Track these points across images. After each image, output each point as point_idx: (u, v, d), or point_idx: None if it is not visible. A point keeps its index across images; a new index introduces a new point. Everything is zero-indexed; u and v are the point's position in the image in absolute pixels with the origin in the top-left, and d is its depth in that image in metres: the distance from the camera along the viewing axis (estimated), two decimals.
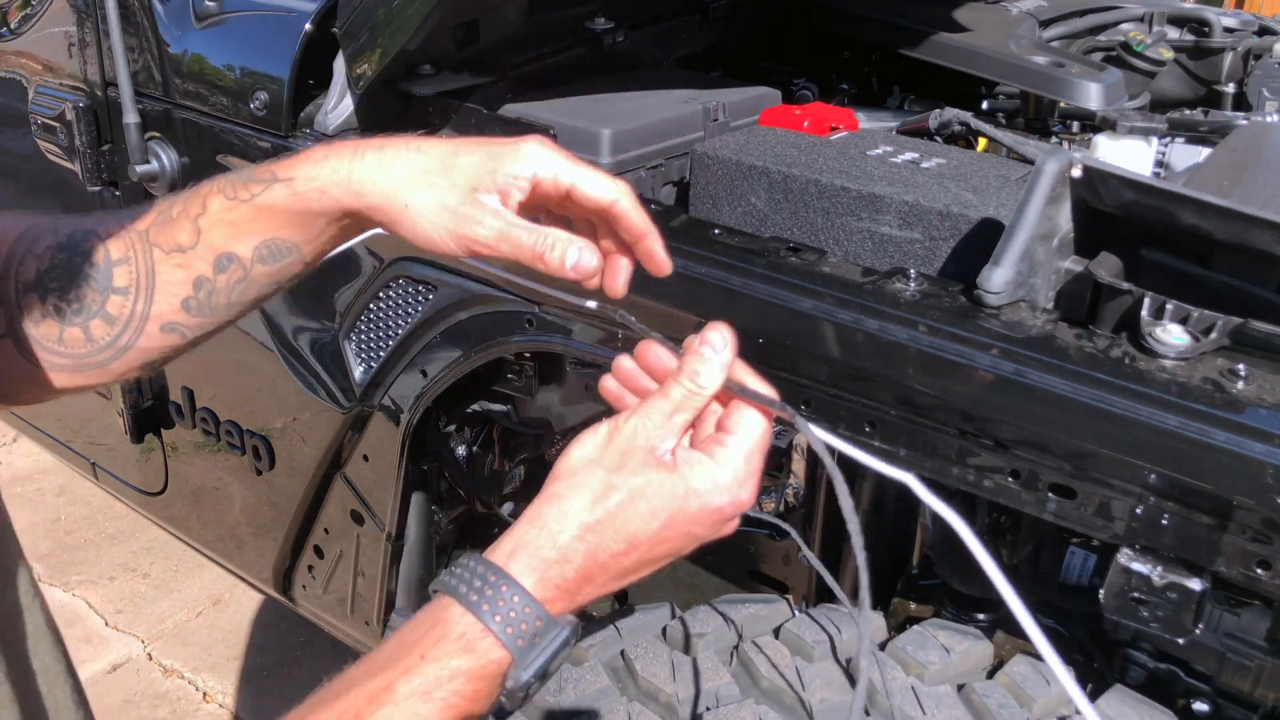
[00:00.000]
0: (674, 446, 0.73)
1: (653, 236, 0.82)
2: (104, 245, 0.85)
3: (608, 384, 0.80)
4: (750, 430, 0.73)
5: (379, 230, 0.85)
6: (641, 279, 0.84)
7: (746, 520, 1.09)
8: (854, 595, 0.76)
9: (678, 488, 0.71)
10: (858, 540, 0.69)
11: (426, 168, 0.80)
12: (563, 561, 0.69)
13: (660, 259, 0.83)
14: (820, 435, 0.73)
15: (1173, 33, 2.04)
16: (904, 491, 1.32)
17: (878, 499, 1.32)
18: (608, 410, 0.78)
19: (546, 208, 0.84)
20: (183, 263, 0.85)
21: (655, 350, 0.78)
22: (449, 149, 0.81)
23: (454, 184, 0.79)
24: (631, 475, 0.71)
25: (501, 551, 0.70)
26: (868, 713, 1.06)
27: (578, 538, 0.70)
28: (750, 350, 0.82)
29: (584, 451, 0.73)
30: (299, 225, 0.84)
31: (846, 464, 0.77)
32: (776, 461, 1.49)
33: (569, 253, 0.78)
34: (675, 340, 0.78)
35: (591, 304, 0.87)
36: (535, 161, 0.80)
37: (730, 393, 0.74)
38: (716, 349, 0.73)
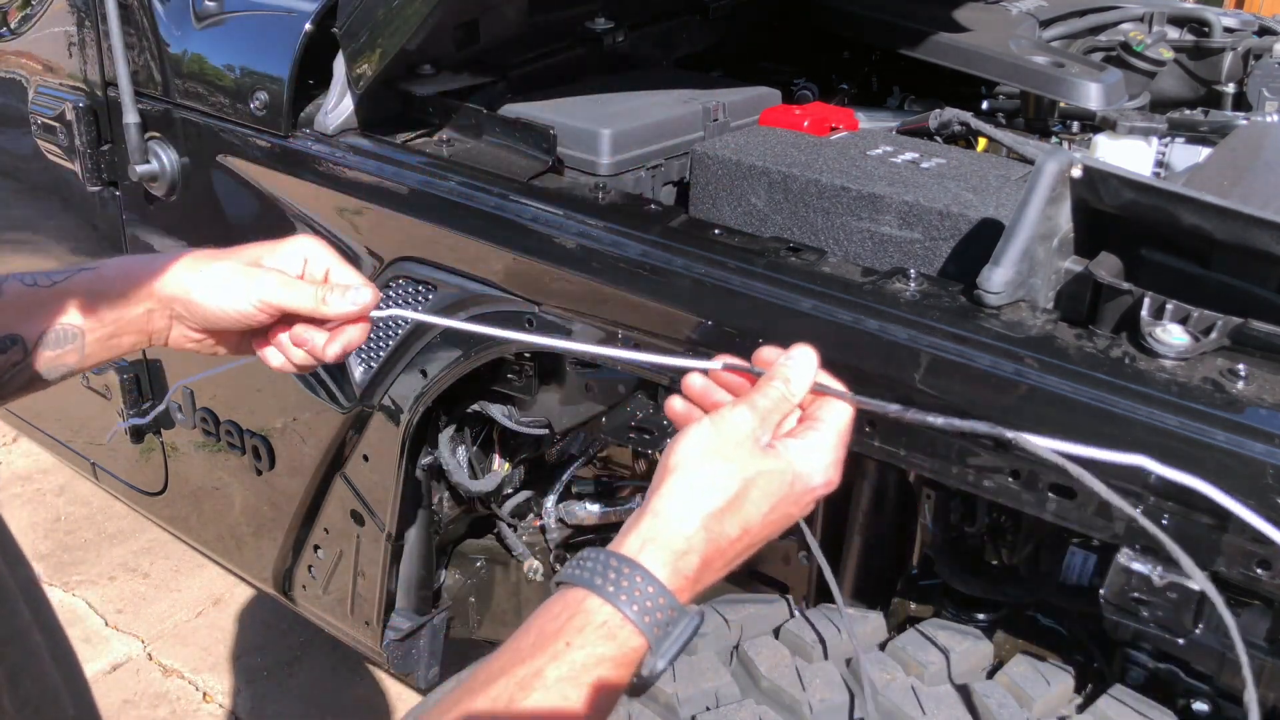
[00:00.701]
0: (769, 440, 0.79)
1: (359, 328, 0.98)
2: None
3: (674, 404, 0.87)
4: (837, 419, 0.82)
5: (245, 359, 1.00)
6: (642, 280, 0.84)
7: None
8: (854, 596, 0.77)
9: (785, 473, 0.77)
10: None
11: (216, 255, 0.97)
12: (689, 552, 0.74)
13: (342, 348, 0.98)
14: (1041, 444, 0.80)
15: (1173, 33, 2.04)
16: (905, 491, 1.32)
17: (878, 498, 1.32)
18: (606, 410, 0.78)
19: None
20: None
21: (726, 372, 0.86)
22: (232, 249, 0.98)
23: (240, 261, 0.96)
24: (744, 465, 0.76)
25: (629, 545, 0.74)
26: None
27: (701, 528, 0.75)
28: (751, 350, 0.83)
29: (693, 444, 0.78)
30: (93, 310, 0.93)
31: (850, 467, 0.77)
32: None
33: (348, 296, 0.95)
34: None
35: (718, 364, 0.91)
36: (304, 248, 0.98)
37: (818, 392, 0.83)
38: (806, 359, 0.83)
